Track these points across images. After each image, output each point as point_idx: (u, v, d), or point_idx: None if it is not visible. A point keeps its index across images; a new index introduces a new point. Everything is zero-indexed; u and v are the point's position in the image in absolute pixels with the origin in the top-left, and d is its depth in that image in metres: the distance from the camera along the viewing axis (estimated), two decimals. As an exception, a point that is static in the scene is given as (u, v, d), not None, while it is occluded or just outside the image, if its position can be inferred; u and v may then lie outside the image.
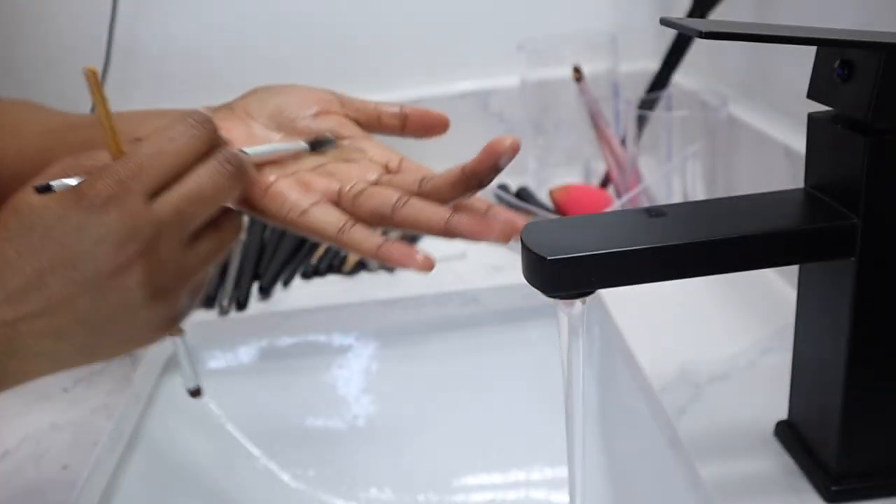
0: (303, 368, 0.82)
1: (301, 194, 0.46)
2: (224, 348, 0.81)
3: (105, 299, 0.38)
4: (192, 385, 0.48)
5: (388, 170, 0.49)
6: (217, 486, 0.77)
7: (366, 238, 0.44)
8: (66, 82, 1.02)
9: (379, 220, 0.45)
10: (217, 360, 0.82)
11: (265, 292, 0.80)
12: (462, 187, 0.44)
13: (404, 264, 0.43)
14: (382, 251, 0.43)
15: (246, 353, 0.82)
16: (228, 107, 0.50)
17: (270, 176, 0.46)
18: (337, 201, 0.46)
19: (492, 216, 0.43)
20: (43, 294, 0.37)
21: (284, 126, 0.49)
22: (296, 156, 0.48)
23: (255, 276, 0.83)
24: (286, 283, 0.82)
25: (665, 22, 0.42)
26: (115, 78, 0.99)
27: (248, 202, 0.47)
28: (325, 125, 0.49)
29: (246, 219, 0.98)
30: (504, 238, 0.43)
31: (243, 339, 0.81)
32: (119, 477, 0.65)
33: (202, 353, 0.81)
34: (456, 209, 0.44)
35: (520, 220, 0.43)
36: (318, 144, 0.48)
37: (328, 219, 0.45)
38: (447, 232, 0.43)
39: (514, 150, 0.42)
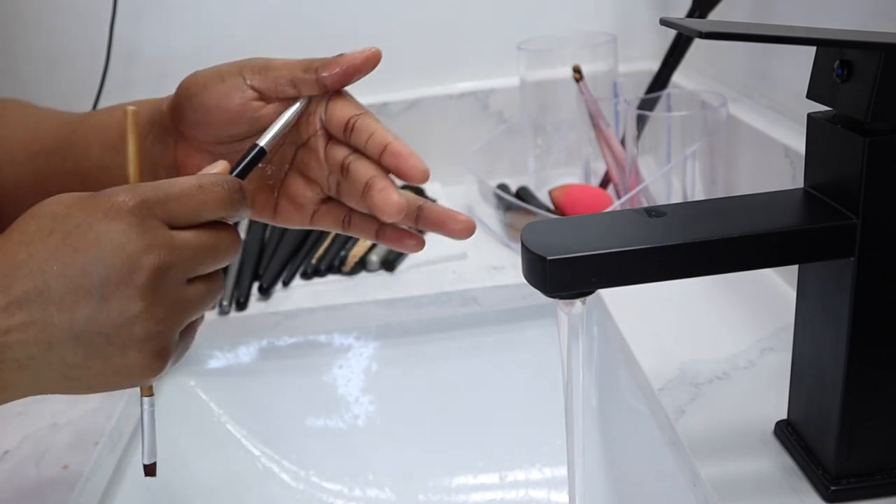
0: (303, 368, 0.82)
1: (299, 214, 0.51)
2: (224, 348, 0.81)
3: (105, 312, 0.37)
4: (149, 460, 0.45)
5: (344, 140, 0.49)
6: (217, 486, 0.77)
7: (364, 229, 0.50)
8: (66, 83, 1.02)
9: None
10: (217, 360, 0.82)
11: (265, 292, 0.81)
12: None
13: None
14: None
15: (246, 353, 0.82)
16: (181, 134, 0.50)
17: (269, 199, 0.51)
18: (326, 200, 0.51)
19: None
20: (44, 300, 0.37)
21: (234, 142, 0.49)
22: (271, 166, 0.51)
23: (255, 276, 0.83)
24: (286, 283, 0.82)
25: (665, 22, 0.42)
26: (114, 79, 0.99)
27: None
28: (262, 125, 0.48)
29: (245, 220, 0.98)
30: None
31: (243, 339, 0.81)
32: (119, 477, 0.65)
33: (202, 353, 0.81)
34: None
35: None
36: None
37: (330, 220, 0.51)
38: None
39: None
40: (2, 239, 0.39)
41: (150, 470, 0.45)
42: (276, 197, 0.51)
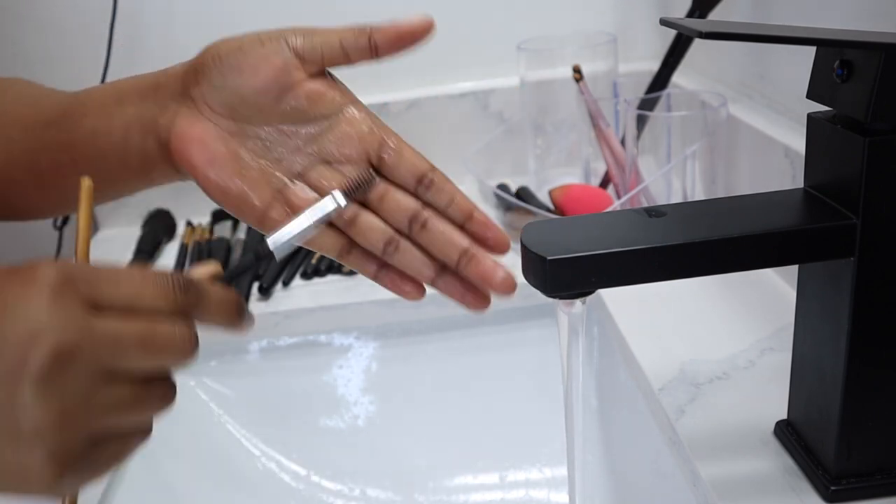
0: (303, 368, 0.82)
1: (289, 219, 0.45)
2: (224, 348, 0.81)
3: None
4: None
5: (371, 164, 0.46)
6: (217, 486, 0.77)
7: (362, 265, 0.47)
8: (67, 67, 1.01)
9: (372, 251, 0.47)
10: (217, 360, 0.82)
11: (265, 292, 0.81)
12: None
13: (395, 293, 0.48)
14: (379, 279, 0.47)
15: (246, 353, 0.82)
16: (189, 98, 0.46)
17: (260, 203, 0.45)
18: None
19: (476, 282, 0.46)
20: None
21: (252, 118, 0.45)
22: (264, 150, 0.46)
23: (255, 276, 0.83)
24: (286, 283, 0.82)
25: (665, 22, 0.42)
26: (116, 68, 0.99)
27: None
28: (293, 103, 0.45)
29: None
30: (481, 307, 0.47)
31: (243, 339, 0.81)
32: (119, 477, 0.65)
33: (202, 353, 0.81)
34: (442, 270, 0.46)
35: (500, 281, 0.46)
36: (354, 191, 0.45)
37: (326, 246, 0.46)
38: (433, 287, 0.47)
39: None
40: None
41: None
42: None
